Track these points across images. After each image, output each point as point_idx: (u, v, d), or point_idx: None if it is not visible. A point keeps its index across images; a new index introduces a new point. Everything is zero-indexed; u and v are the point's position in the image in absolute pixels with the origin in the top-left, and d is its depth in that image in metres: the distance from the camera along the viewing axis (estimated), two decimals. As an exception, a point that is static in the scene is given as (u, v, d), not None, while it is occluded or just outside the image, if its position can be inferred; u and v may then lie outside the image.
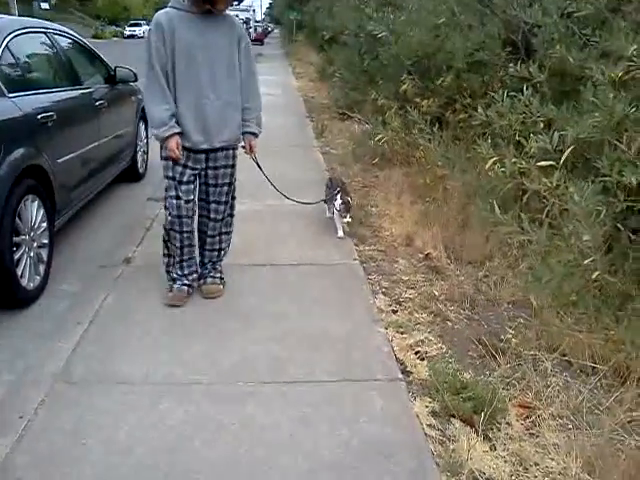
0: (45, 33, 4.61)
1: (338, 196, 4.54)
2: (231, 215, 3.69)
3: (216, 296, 3.60)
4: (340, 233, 4.59)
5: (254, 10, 37.51)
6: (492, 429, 2.56)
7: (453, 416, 2.61)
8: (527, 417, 2.69)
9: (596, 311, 3.03)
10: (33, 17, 5.44)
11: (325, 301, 3.61)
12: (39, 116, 3.85)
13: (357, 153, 7.17)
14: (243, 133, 3.48)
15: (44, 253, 3.81)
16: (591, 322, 3.13)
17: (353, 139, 7.74)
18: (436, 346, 3.17)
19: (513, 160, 3.11)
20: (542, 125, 3.23)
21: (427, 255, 4.40)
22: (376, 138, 5.85)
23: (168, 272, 3.60)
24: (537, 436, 2.57)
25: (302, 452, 2.34)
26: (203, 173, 3.45)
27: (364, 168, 6.70)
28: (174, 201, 3.37)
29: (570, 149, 2.92)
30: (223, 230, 3.64)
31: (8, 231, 3.34)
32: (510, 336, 3.28)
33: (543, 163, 3.04)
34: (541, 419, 2.66)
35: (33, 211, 3.65)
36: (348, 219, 4.47)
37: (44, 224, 3.81)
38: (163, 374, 2.84)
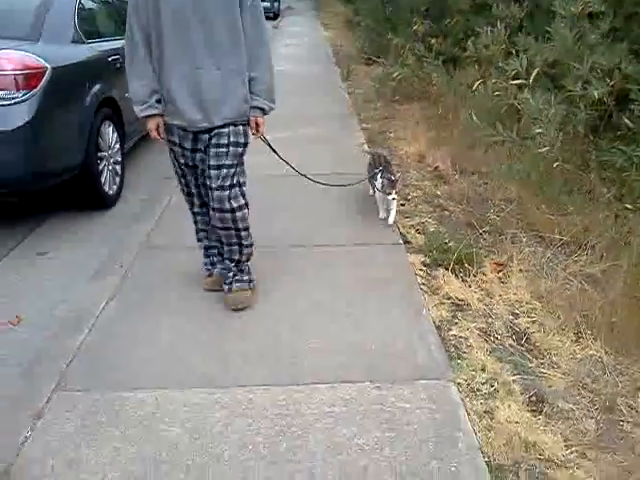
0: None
1: (379, 175, 4.02)
2: (245, 205, 2.92)
3: (245, 306, 3.00)
4: (382, 214, 4.06)
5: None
6: (469, 275, 3.39)
7: (440, 265, 3.44)
8: (500, 271, 3.51)
9: (557, 193, 3.81)
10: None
11: (348, 199, 4.43)
12: (109, 59, 4.73)
13: (379, 91, 7.89)
14: (252, 105, 2.84)
15: (118, 168, 4.74)
16: (558, 204, 3.91)
17: (376, 80, 8.44)
18: (433, 227, 4.00)
19: (493, 80, 3.86)
20: (516, 53, 3.95)
21: (436, 168, 5.18)
22: (394, 75, 6.54)
23: (205, 256, 3.22)
24: (504, 282, 3.39)
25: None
26: (207, 153, 2.83)
27: (385, 104, 7.44)
28: (182, 179, 3.01)
29: (536, 70, 3.66)
30: (240, 225, 2.93)
31: (93, 147, 4.25)
32: (496, 219, 4.08)
33: (516, 82, 3.78)
34: (510, 272, 3.48)
35: (109, 133, 4.56)
36: (394, 195, 3.87)
37: (117, 145, 4.73)
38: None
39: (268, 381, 2.42)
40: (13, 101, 3.48)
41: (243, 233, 2.95)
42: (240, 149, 2.86)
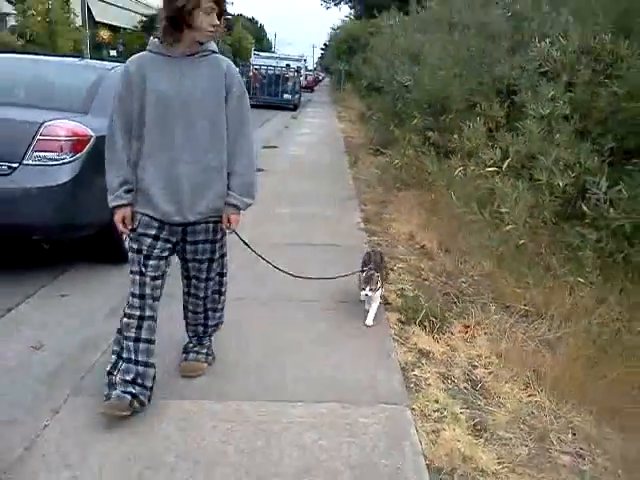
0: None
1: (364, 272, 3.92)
2: (219, 292, 3.12)
3: (195, 375, 3.09)
4: (368, 321, 3.89)
5: (306, 60, 39.74)
6: (438, 333, 3.86)
7: (412, 322, 3.93)
8: (466, 332, 3.99)
9: (522, 268, 4.34)
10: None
11: (337, 264, 4.96)
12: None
13: (381, 178, 8.60)
14: (228, 201, 2.80)
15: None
16: (522, 277, 4.43)
17: (379, 168, 9.18)
18: (412, 293, 4.51)
19: (472, 167, 4.49)
20: (493, 146, 4.62)
21: (422, 246, 5.74)
22: (393, 163, 7.25)
23: (109, 374, 2.78)
24: (469, 341, 3.87)
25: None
26: (180, 247, 2.86)
27: (385, 190, 8.11)
28: (137, 277, 2.73)
29: (508, 160, 4.30)
30: (209, 306, 3.11)
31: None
32: (469, 289, 4.59)
33: (490, 169, 4.41)
34: (475, 334, 3.96)
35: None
36: (367, 292, 3.79)
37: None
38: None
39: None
40: (61, 162, 4.13)
41: (212, 312, 3.16)
42: (217, 245, 2.92)
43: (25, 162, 4.12)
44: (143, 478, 2.33)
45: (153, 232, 2.72)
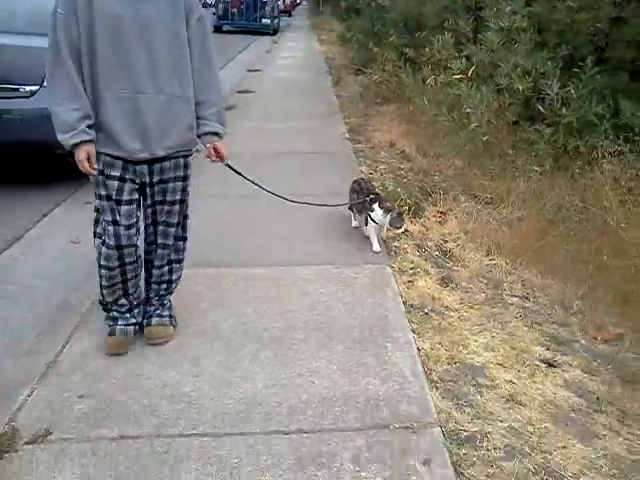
0: None
1: (376, 204, 3.82)
2: (183, 239, 2.89)
3: (163, 342, 2.81)
4: (376, 247, 3.86)
5: (283, -17, 38.83)
6: (415, 218, 4.54)
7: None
8: (439, 217, 4.68)
9: (488, 162, 5.01)
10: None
11: (328, 167, 5.59)
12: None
13: (363, 95, 9.10)
14: (200, 135, 2.67)
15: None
16: (489, 171, 5.09)
17: (361, 85, 9.67)
18: (392, 187, 5.16)
19: (442, 77, 5.07)
20: (460, 56, 5.19)
21: (402, 151, 6.36)
22: (373, 79, 7.77)
23: (107, 310, 2.79)
24: (441, 223, 4.55)
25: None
26: (148, 190, 2.64)
27: (367, 105, 8.64)
28: (111, 227, 2.56)
29: (472, 68, 4.87)
30: (173, 257, 2.86)
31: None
32: (443, 184, 5.25)
33: (457, 76, 5.00)
34: (447, 217, 4.64)
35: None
36: (403, 229, 3.89)
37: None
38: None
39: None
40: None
41: (176, 265, 2.89)
42: (187, 182, 2.73)
43: (44, 85, 4.65)
44: (181, 318, 2.99)
45: (118, 173, 2.51)
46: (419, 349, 2.77)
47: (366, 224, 3.95)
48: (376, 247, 3.86)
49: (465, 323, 3.12)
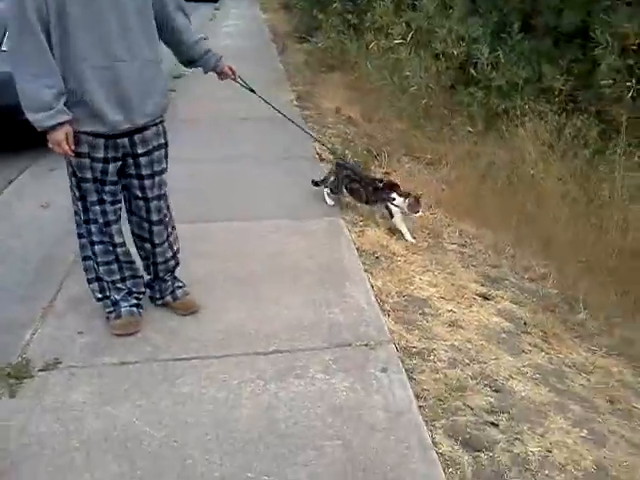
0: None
1: (394, 194, 3.86)
2: (168, 207, 2.82)
3: (196, 309, 2.91)
4: (409, 237, 3.86)
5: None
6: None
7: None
8: (385, 176, 5.10)
9: (428, 125, 5.46)
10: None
11: (278, 132, 5.92)
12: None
13: (309, 62, 9.41)
14: (213, 63, 2.78)
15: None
16: (429, 133, 5.55)
17: (307, 53, 9.95)
18: (340, 148, 5.54)
19: (383, 42, 5.46)
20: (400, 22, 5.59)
21: (349, 117, 6.74)
22: (318, 46, 8.08)
23: (105, 298, 2.76)
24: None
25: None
26: (131, 162, 2.56)
27: (314, 72, 8.96)
28: (97, 207, 2.54)
29: (411, 33, 5.28)
30: (170, 229, 2.84)
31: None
32: (387, 147, 5.67)
33: (397, 41, 5.40)
34: (391, 178, 5.06)
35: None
36: (421, 212, 3.86)
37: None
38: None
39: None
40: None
41: (173, 236, 2.90)
42: (167, 149, 2.69)
43: (3, 48, 4.75)
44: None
45: (101, 154, 2.44)
46: (372, 286, 3.20)
47: (391, 216, 3.89)
48: (409, 237, 3.85)
49: (411, 265, 3.56)
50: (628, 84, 4.17)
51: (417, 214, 3.85)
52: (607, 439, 2.33)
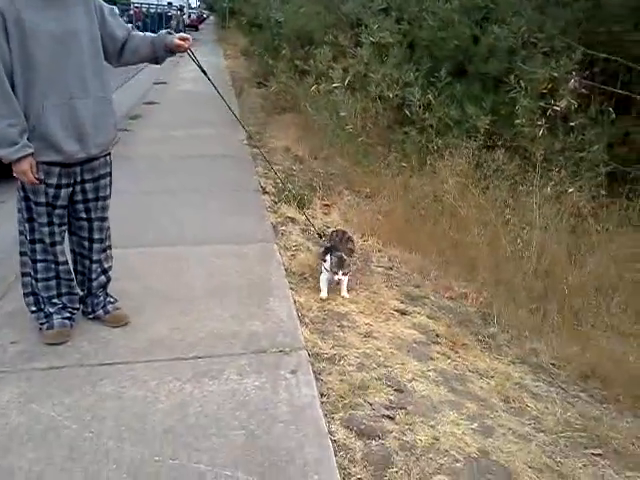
0: None
1: (328, 253, 3.64)
2: (108, 228, 3.09)
3: (126, 322, 3.10)
4: (323, 294, 3.63)
5: (188, -2, 39.09)
6: (302, 208, 5.23)
7: (282, 202, 5.28)
8: (325, 209, 5.40)
9: (366, 161, 5.81)
10: None
11: (228, 168, 6.21)
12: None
13: (263, 105, 9.83)
14: (165, 43, 2.98)
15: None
16: (367, 169, 5.89)
17: (261, 97, 10.36)
18: (284, 184, 5.84)
19: (323, 85, 5.84)
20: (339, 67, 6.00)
21: (296, 155, 7.08)
22: (271, 91, 8.49)
23: (39, 310, 2.95)
24: (326, 213, 5.28)
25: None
26: (79, 188, 2.83)
27: (267, 114, 9.36)
28: (46, 229, 2.78)
29: (348, 78, 5.67)
30: (106, 246, 3.10)
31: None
32: (330, 182, 5.99)
33: (334, 85, 5.78)
34: (331, 209, 5.37)
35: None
36: (340, 276, 3.60)
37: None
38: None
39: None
40: None
41: (107, 254, 3.14)
42: (111, 178, 2.99)
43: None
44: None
45: (54, 181, 2.70)
46: (295, 301, 3.44)
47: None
48: (323, 294, 3.63)
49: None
50: (539, 123, 4.56)
51: (336, 276, 3.60)
52: (495, 431, 2.57)
